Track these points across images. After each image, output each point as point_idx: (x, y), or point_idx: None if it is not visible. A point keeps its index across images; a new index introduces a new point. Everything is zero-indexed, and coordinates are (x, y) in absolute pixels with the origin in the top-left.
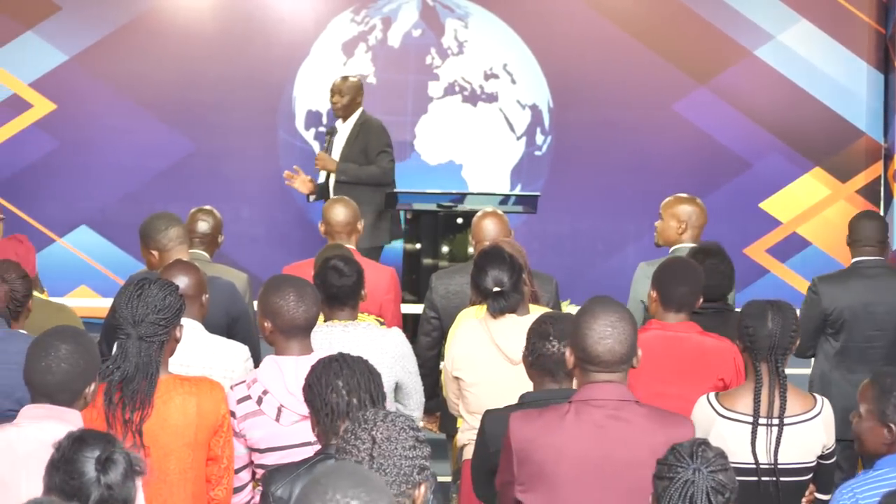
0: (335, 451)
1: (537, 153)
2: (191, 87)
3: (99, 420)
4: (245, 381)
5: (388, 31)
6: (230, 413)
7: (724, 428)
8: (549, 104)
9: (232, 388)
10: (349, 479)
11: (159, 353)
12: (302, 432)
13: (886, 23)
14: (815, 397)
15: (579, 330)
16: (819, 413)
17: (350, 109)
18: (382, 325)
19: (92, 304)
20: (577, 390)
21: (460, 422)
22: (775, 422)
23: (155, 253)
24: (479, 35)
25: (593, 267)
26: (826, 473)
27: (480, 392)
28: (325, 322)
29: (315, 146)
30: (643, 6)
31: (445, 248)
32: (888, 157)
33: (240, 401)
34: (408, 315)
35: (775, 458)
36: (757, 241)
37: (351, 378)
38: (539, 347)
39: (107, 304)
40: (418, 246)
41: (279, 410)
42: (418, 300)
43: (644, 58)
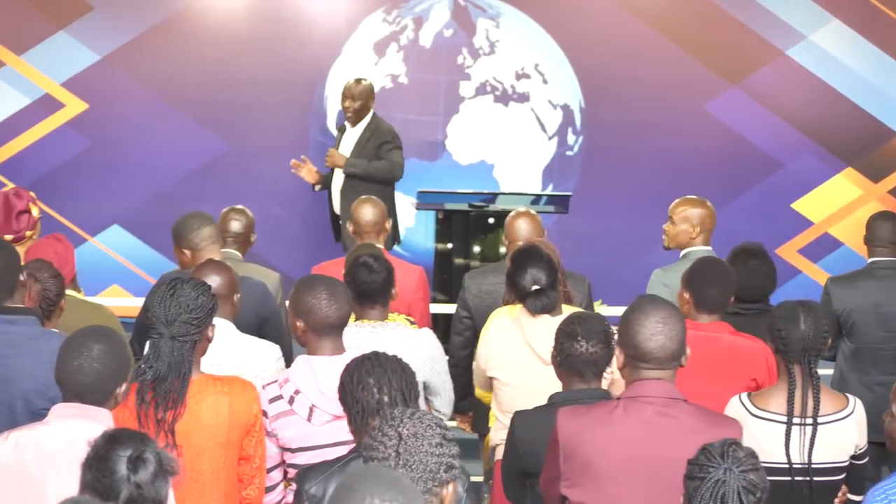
0: (363, 448)
1: (569, 153)
2: (223, 87)
3: (131, 420)
4: (277, 381)
5: (420, 31)
6: (262, 412)
7: (757, 428)
8: (581, 104)
9: (264, 387)
10: (382, 483)
11: (192, 353)
12: (334, 432)
13: None
14: (846, 397)
15: (630, 328)
16: (851, 413)
17: (362, 114)
18: (413, 325)
19: (124, 303)
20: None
21: (492, 421)
22: (809, 421)
23: (187, 252)
24: (510, 35)
25: (625, 267)
26: (858, 473)
27: (514, 392)
28: (355, 321)
29: None
30: (675, 6)
31: (477, 248)
32: None
33: (272, 400)
34: (439, 315)
35: (809, 458)
36: (789, 242)
37: (382, 376)
38: (567, 347)
39: (138, 303)
40: (450, 246)
41: (311, 410)
42: (450, 300)
43: (676, 57)
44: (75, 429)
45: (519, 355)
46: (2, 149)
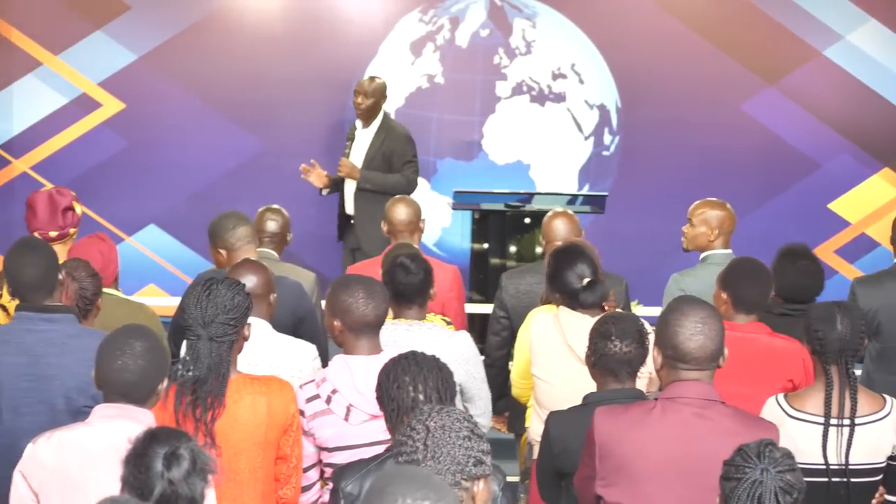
0: (394, 445)
1: (605, 153)
2: (259, 87)
3: (170, 421)
4: (314, 380)
5: (456, 31)
6: (299, 412)
7: (794, 428)
8: (617, 104)
9: (301, 386)
10: (413, 483)
11: (229, 353)
12: (371, 431)
13: None
14: (884, 398)
15: (669, 328)
16: (889, 413)
17: (373, 112)
18: (450, 326)
19: (160, 302)
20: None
21: (528, 420)
22: (846, 422)
23: (223, 252)
24: (546, 35)
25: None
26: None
27: (553, 390)
28: (392, 320)
29: None
30: (712, 5)
31: (513, 248)
32: None
33: (309, 400)
34: (475, 315)
35: (846, 459)
36: (825, 242)
37: (418, 374)
38: (601, 347)
39: (175, 302)
40: (486, 246)
41: (348, 410)
42: (486, 300)
43: (712, 57)
44: (118, 430)
45: (559, 354)
46: (39, 148)
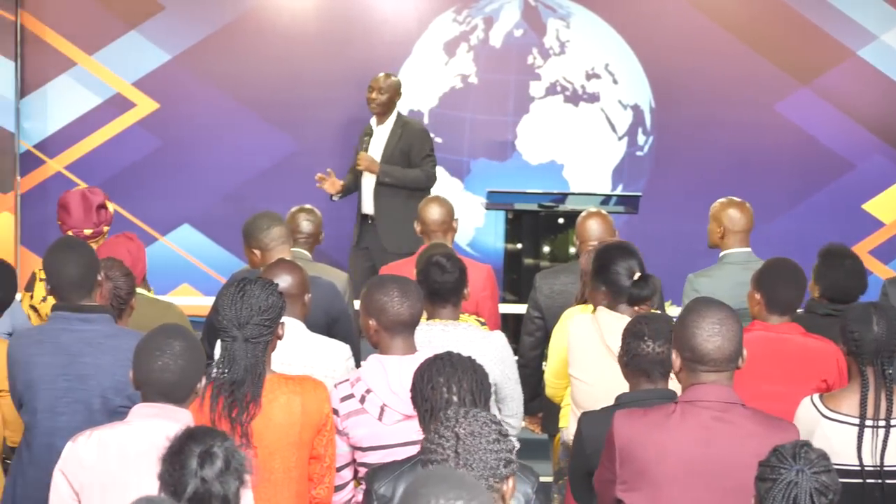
0: (422, 452)
1: (639, 153)
2: (293, 87)
3: (206, 423)
4: (348, 380)
5: (490, 31)
6: (333, 411)
7: (829, 429)
8: (651, 104)
9: (336, 386)
10: (446, 483)
11: (265, 353)
12: (405, 431)
13: None
14: None
15: (687, 330)
16: None
17: (388, 108)
18: (484, 326)
19: (194, 302)
20: (682, 391)
21: (563, 421)
22: (882, 423)
23: (257, 252)
24: (580, 35)
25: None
26: None
27: (591, 390)
28: (426, 321)
29: None
30: (746, 5)
31: (546, 248)
32: None
33: (343, 399)
34: (509, 315)
35: (881, 461)
36: (860, 243)
37: (453, 376)
38: (634, 347)
39: (209, 302)
40: (519, 246)
41: (382, 409)
42: (519, 300)
43: (746, 58)
44: (158, 430)
45: (597, 354)
46: (73, 148)
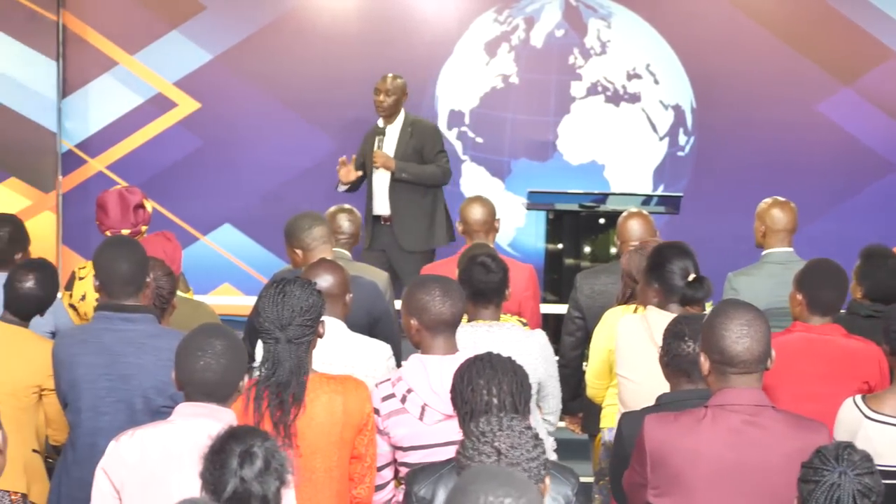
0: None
1: (680, 154)
2: (334, 87)
3: (248, 421)
4: (390, 379)
5: (531, 31)
6: (374, 410)
7: (872, 430)
8: (692, 104)
9: (377, 385)
10: (495, 480)
11: (307, 353)
12: (445, 431)
13: None
14: None
15: (715, 332)
16: None
17: (395, 109)
18: (525, 326)
19: (235, 301)
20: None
21: (604, 421)
22: None
23: (299, 252)
24: (621, 35)
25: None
26: None
27: (640, 389)
28: (468, 322)
29: (458, 146)
30: (787, 6)
31: (587, 249)
32: None
33: (384, 398)
34: (549, 315)
35: None
36: None
37: (493, 377)
38: (674, 348)
39: (250, 301)
40: (560, 246)
41: (423, 409)
42: (560, 300)
43: (788, 58)
44: (200, 429)
45: (646, 354)
46: (115, 148)
